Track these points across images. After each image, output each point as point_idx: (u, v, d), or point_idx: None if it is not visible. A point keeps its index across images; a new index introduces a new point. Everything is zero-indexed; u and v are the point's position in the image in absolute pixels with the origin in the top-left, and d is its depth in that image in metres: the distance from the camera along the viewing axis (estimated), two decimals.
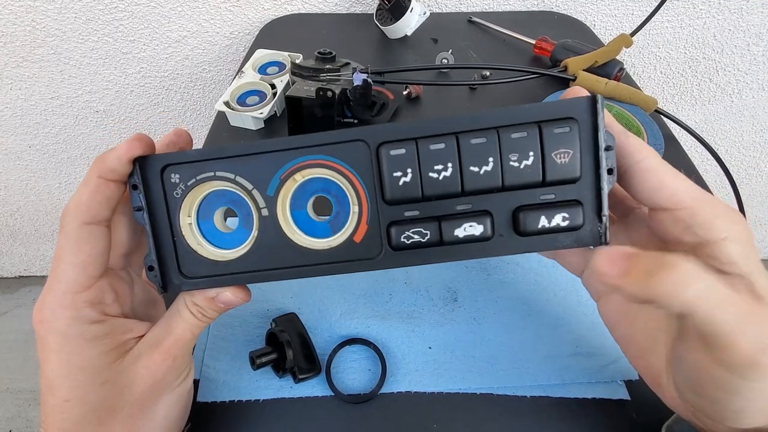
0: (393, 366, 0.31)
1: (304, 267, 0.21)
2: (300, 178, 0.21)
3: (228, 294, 0.22)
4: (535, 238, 0.20)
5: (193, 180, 0.21)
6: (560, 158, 0.19)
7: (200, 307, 0.22)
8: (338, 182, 0.21)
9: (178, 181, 0.21)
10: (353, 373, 0.31)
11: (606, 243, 0.20)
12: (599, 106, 0.19)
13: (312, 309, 0.34)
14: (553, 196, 0.20)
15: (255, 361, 0.29)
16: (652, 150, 0.20)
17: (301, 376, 0.29)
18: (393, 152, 0.20)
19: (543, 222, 0.20)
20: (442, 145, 0.19)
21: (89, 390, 0.21)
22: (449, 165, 0.19)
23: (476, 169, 0.19)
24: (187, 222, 0.21)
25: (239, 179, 0.21)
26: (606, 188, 0.20)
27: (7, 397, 1.05)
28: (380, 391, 0.30)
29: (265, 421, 0.29)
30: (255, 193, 0.21)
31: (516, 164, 0.19)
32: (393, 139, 0.20)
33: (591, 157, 0.19)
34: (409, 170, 0.20)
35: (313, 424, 0.28)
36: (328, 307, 0.34)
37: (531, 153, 0.19)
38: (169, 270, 0.22)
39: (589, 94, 0.19)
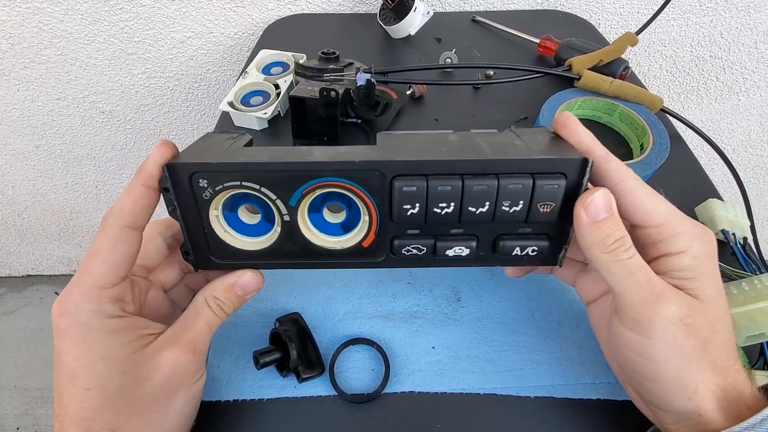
0: (396, 366, 0.31)
1: (318, 261, 0.25)
2: (318, 191, 0.23)
3: (246, 277, 0.24)
4: (507, 258, 0.25)
5: (221, 186, 0.23)
6: (543, 208, 0.23)
7: (219, 300, 0.24)
8: (352, 197, 0.23)
9: (206, 185, 0.23)
10: (357, 372, 0.31)
11: (560, 266, 0.25)
12: (587, 168, 0.22)
13: (315, 309, 0.34)
14: (530, 229, 0.24)
15: (259, 360, 0.29)
16: (630, 172, 0.23)
17: (304, 376, 0.29)
18: (405, 188, 0.22)
19: (516, 251, 0.24)
20: (449, 188, 0.22)
21: (109, 379, 0.22)
22: (452, 204, 0.23)
23: (473, 209, 0.23)
24: (215, 214, 0.24)
25: (264, 190, 0.23)
26: (572, 233, 0.24)
27: (15, 395, 1.06)
28: (383, 391, 0.30)
29: (268, 420, 0.29)
30: (278, 202, 0.23)
31: (507, 209, 0.23)
32: (406, 174, 0.22)
33: (568, 205, 0.23)
34: (417, 205, 0.23)
35: (317, 423, 0.29)
36: (331, 306, 0.34)
37: (521, 202, 0.22)
38: (203, 254, 0.25)
39: (581, 157, 0.22)
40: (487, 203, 0.22)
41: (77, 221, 1.09)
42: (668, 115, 0.46)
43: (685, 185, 0.43)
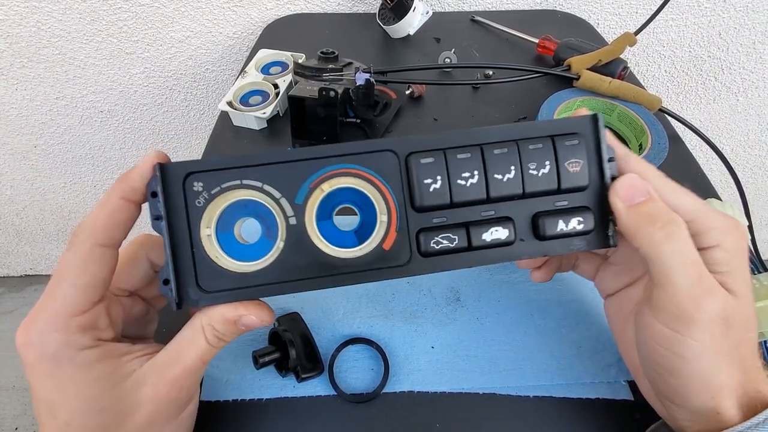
0: (396, 365, 0.31)
1: (333, 276, 0.21)
2: (327, 188, 0.21)
3: (253, 318, 0.21)
4: (553, 242, 0.22)
5: (218, 188, 0.20)
6: (572, 167, 0.21)
7: (218, 332, 0.21)
8: (365, 191, 0.21)
9: (201, 189, 0.20)
10: (356, 372, 0.31)
11: (615, 245, 0.22)
12: (600, 123, 0.22)
13: (315, 308, 0.34)
14: (566, 203, 0.22)
15: (258, 360, 0.29)
16: (653, 169, 0.22)
17: (303, 376, 0.29)
18: (424, 161, 0.21)
19: (561, 226, 0.22)
20: (468, 155, 0.21)
21: (88, 417, 0.20)
22: (475, 173, 0.21)
23: (500, 176, 0.21)
24: (206, 234, 0.21)
25: (267, 187, 0.20)
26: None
27: (13, 395, 1.06)
28: (383, 391, 0.30)
29: (268, 420, 0.29)
30: (283, 201, 0.21)
31: (534, 172, 0.21)
32: (421, 150, 0.21)
33: (596, 168, 0.22)
34: (438, 177, 0.21)
35: (316, 423, 0.29)
36: (330, 306, 0.34)
37: (547, 162, 0.21)
38: (186, 284, 0.20)
39: (590, 114, 0.22)
40: (513, 168, 0.21)
41: (76, 221, 1.09)
42: (667, 115, 0.47)
43: (684, 185, 0.43)
